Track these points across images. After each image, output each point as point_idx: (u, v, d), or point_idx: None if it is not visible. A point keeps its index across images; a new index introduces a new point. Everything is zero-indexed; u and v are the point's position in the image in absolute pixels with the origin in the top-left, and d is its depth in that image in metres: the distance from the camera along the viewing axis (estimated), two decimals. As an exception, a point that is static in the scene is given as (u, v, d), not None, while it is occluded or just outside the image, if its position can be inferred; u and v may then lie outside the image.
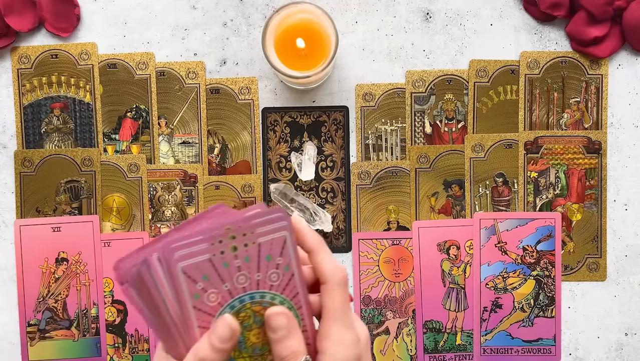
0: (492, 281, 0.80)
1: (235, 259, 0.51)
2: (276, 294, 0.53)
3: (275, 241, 0.52)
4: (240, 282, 0.52)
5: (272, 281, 0.53)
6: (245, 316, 0.53)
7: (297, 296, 0.54)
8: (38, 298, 0.79)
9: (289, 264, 0.53)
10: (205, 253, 0.51)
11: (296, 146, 0.80)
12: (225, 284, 0.52)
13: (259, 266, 0.52)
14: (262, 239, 0.52)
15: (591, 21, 0.78)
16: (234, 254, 0.51)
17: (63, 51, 0.80)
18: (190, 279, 0.50)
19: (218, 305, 0.52)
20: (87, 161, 0.80)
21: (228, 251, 0.51)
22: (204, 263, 0.50)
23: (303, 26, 0.73)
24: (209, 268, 0.51)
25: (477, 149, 0.80)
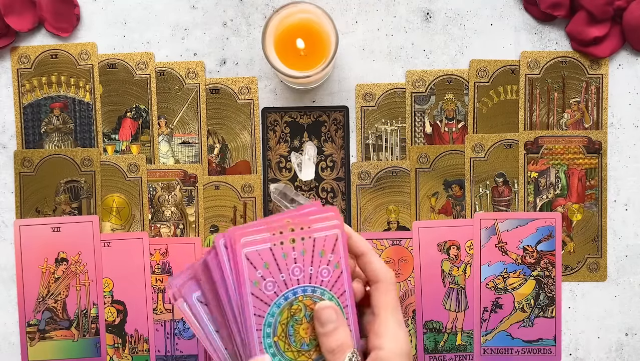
0: (493, 282, 0.80)
1: (293, 251, 0.54)
2: (325, 290, 0.56)
3: (329, 238, 0.56)
4: (295, 274, 0.55)
5: (323, 276, 0.56)
6: (297, 309, 0.55)
7: (344, 295, 0.57)
8: (38, 298, 0.79)
9: (338, 262, 0.56)
10: (266, 242, 0.54)
11: (296, 146, 0.80)
12: (282, 274, 0.54)
13: (313, 260, 0.55)
14: (317, 235, 0.55)
15: (591, 21, 0.78)
16: (292, 246, 0.54)
17: (63, 51, 0.80)
18: (251, 265, 0.53)
19: (274, 295, 0.55)
20: (86, 161, 0.80)
21: (287, 242, 0.54)
22: (265, 251, 0.54)
23: (303, 26, 0.73)
24: (269, 257, 0.54)
25: (477, 149, 0.80)
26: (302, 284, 0.55)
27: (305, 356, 0.56)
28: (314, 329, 0.56)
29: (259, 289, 0.54)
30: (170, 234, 0.80)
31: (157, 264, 0.80)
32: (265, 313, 0.54)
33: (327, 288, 0.56)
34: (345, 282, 0.57)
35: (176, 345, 0.80)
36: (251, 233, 0.54)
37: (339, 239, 0.56)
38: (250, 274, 0.54)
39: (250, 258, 0.54)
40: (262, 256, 0.54)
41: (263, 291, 0.54)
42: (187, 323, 0.56)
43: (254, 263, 0.54)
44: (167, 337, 0.80)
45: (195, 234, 0.80)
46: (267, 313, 0.54)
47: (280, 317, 0.55)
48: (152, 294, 0.80)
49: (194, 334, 0.80)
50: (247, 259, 0.53)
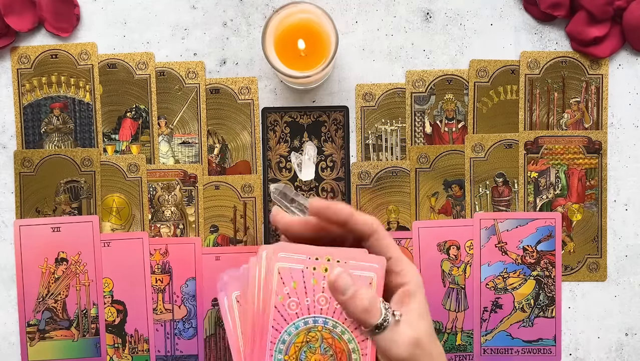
0: (492, 281, 0.80)
1: (323, 279, 0.55)
2: (347, 329, 0.56)
3: (362, 279, 0.55)
4: (320, 303, 0.55)
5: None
6: (314, 337, 0.56)
7: (365, 342, 0.56)
8: (38, 298, 0.79)
9: None
10: (300, 263, 0.55)
11: (296, 146, 0.80)
12: (307, 298, 0.55)
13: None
14: (353, 272, 0.55)
15: (591, 21, 0.78)
16: (323, 275, 0.55)
17: (63, 51, 0.80)
18: (281, 280, 0.55)
19: (295, 315, 0.55)
20: (86, 161, 0.80)
21: (319, 270, 0.55)
22: (296, 271, 0.55)
23: (303, 26, 0.73)
24: (299, 277, 0.55)
25: (477, 149, 0.80)
26: (324, 315, 0.56)
27: None
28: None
29: (282, 305, 0.55)
30: (170, 234, 0.80)
31: (157, 264, 0.80)
32: (282, 330, 0.55)
33: (349, 328, 0.56)
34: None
35: (176, 345, 0.80)
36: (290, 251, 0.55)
37: (372, 283, 0.56)
38: (277, 288, 0.55)
39: (282, 272, 0.55)
40: (292, 275, 0.55)
41: (286, 308, 0.55)
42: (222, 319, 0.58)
43: (284, 279, 0.55)
44: (167, 337, 0.80)
45: (195, 234, 0.80)
46: (284, 330, 0.55)
47: (295, 338, 0.56)
48: (152, 294, 0.80)
49: (194, 334, 0.80)
50: (278, 273, 0.55)
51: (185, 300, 0.80)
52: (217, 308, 0.80)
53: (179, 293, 0.80)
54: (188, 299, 0.80)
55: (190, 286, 0.80)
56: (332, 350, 0.56)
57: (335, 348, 0.56)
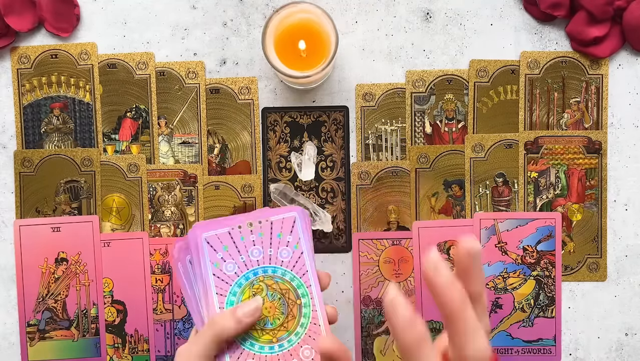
0: (492, 281, 0.80)
1: (251, 234, 0.58)
2: (287, 270, 0.59)
3: (286, 221, 0.59)
4: (255, 255, 0.59)
5: (283, 257, 0.59)
6: (259, 288, 0.59)
7: (306, 275, 0.59)
8: (38, 298, 0.79)
9: (297, 243, 0.59)
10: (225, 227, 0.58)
11: (296, 146, 0.80)
12: (242, 256, 0.58)
13: (271, 242, 0.59)
14: (274, 218, 0.59)
15: (591, 21, 0.78)
16: (250, 229, 0.58)
17: (63, 51, 0.80)
18: (212, 248, 0.58)
19: (235, 275, 0.58)
20: (86, 161, 0.80)
21: (245, 226, 0.58)
22: (224, 235, 0.58)
23: (303, 26, 0.73)
24: (227, 240, 0.58)
25: (477, 149, 0.80)
26: (262, 265, 0.59)
27: (270, 335, 0.58)
28: (276, 308, 0.59)
29: (220, 270, 0.58)
30: (170, 234, 0.80)
31: (157, 264, 0.80)
32: (227, 292, 0.58)
33: (287, 268, 0.59)
34: (307, 262, 0.59)
35: (176, 345, 0.80)
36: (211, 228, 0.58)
37: (296, 221, 0.59)
38: (211, 257, 0.58)
39: (210, 241, 0.58)
40: (221, 240, 0.58)
41: (224, 272, 0.58)
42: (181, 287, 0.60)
43: (214, 246, 0.58)
44: (167, 337, 0.80)
45: (195, 234, 0.80)
46: (228, 292, 0.58)
47: (242, 296, 0.58)
48: (152, 294, 0.80)
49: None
50: (207, 243, 0.58)
51: (185, 300, 0.80)
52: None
53: (179, 293, 0.80)
54: (188, 299, 0.80)
55: (190, 286, 0.80)
56: (278, 293, 0.59)
57: (280, 291, 0.59)
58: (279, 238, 0.59)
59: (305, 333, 0.59)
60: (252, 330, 0.57)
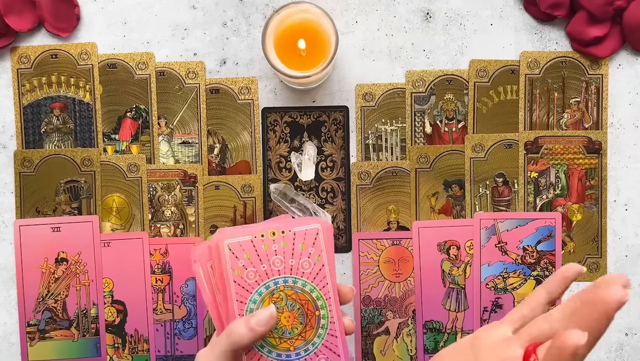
0: (492, 282, 0.80)
1: (273, 243, 0.59)
2: (307, 282, 0.60)
3: (309, 232, 0.60)
4: (276, 265, 0.59)
5: (304, 268, 0.60)
6: (278, 298, 0.59)
7: (326, 287, 0.60)
8: (38, 298, 0.79)
9: (319, 255, 0.60)
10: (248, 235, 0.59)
11: (296, 146, 0.80)
12: (263, 264, 0.59)
13: (293, 252, 0.59)
14: (297, 229, 0.59)
15: (591, 21, 0.78)
16: (272, 238, 0.59)
17: (63, 51, 0.80)
18: (233, 255, 0.58)
19: (255, 283, 0.59)
20: (86, 161, 0.80)
21: (267, 235, 0.59)
22: (246, 243, 0.58)
23: (303, 26, 0.73)
24: (250, 248, 0.58)
25: (477, 149, 0.80)
26: (282, 275, 0.59)
27: (287, 343, 0.59)
28: (295, 318, 0.60)
29: (241, 277, 0.58)
30: (170, 234, 0.80)
31: (157, 264, 0.80)
32: (247, 300, 0.58)
33: (308, 279, 0.60)
34: (327, 275, 0.60)
35: (176, 345, 0.80)
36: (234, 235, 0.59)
37: (319, 233, 0.60)
38: (232, 264, 0.58)
39: (233, 248, 0.58)
40: (243, 247, 0.58)
41: (245, 279, 0.58)
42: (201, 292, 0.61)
43: (236, 253, 0.58)
44: (167, 337, 0.80)
45: (195, 234, 0.80)
46: (248, 300, 0.58)
47: (262, 305, 0.59)
48: (152, 294, 0.80)
49: (194, 334, 0.80)
50: (229, 250, 0.58)
51: (185, 300, 0.80)
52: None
53: (179, 293, 0.80)
54: (188, 299, 0.80)
55: (190, 286, 0.80)
56: (297, 303, 0.60)
57: (300, 301, 0.60)
58: (301, 249, 0.59)
59: (322, 343, 0.60)
60: (271, 337, 0.59)
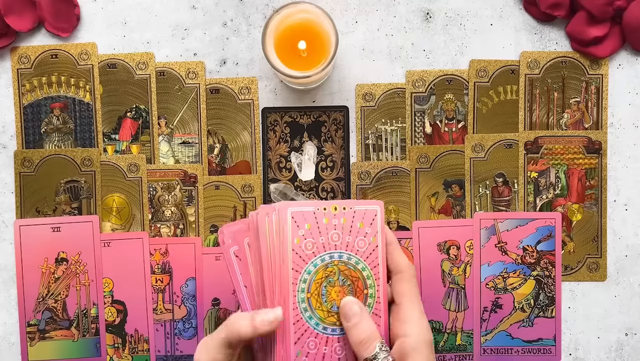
0: (492, 281, 0.80)
1: (334, 218, 0.60)
2: (360, 260, 0.61)
3: (368, 213, 0.61)
4: (334, 239, 0.61)
5: (359, 247, 0.61)
6: (332, 271, 0.61)
7: (377, 268, 0.62)
8: (38, 298, 0.79)
9: (375, 236, 0.61)
10: (311, 206, 0.60)
11: (296, 146, 0.80)
12: (322, 237, 0.60)
13: (351, 229, 0.61)
14: (358, 207, 0.61)
15: (591, 21, 0.78)
16: (334, 213, 0.60)
17: (63, 51, 0.80)
18: (295, 223, 0.59)
19: (312, 254, 0.60)
20: (87, 161, 0.80)
21: (330, 209, 0.60)
22: (308, 214, 0.60)
23: (303, 26, 0.73)
24: (311, 219, 0.60)
25: (477, 149, 0.80)
26: (338, 250, 0.61)
27: (335, 318, 0.61)
28: (345, 293, 0.61)
29: (299, 246, 0.60)
30: (170, 234, 0.80)
31: (157, 264, 0.80)
32: (302, 270, 0.60)
33: (361, 258, 0.61)
34: (379, 256, 0.62)
35: (176, 345, 0.80)
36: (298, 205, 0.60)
37: (377, 215, 0.61)
38: (293, 232, 0.59)
39: (295, 217, 0.59)
40: (305, 218, 0.60)
41: (302, 249, 0.60)
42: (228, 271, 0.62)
43: (298, 222, 0.59)
44: (167, 337, 0.80)
45: (195, 234, 0.80)
46: (303, 270, 0.60)
47: (315, 276, 0.60)
48: (152, 294, 0.80)
49: (194, 334, 0.80)
50: (292, 217, 0.59)
51: (185, 300, 0.80)
52: (217, 308, 0.80)
53: (179, 293, 0.80)
54: (188, 299, 0.80)
55: (190, 286, 0.80)
56: (349, 280, 0.61)
57: (351, 278, 0.61)
58: (358, 227, 0.61)
59: None
60: (319, 310, 0.60)
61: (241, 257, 0.62)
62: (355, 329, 0.59)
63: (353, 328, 0.59)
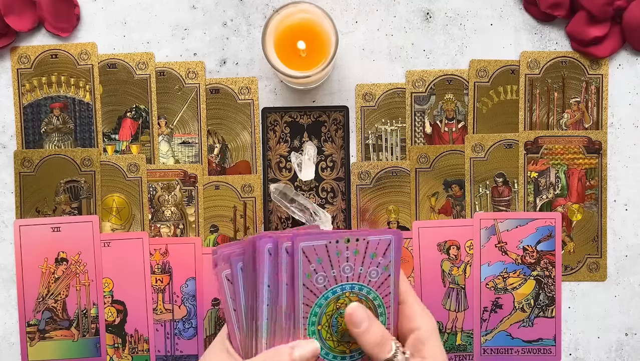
0: (492, 281, 0.80)
1: (346, 250, 0.59)
2: (371, 290, 0.60)
3: (382, 242, 0.60)
4: (345, 272, 0.59)
5: (371, 277, 0.60)
6: (343, 303, 0.60)
7: (389, 296, 0.61)
8: (38, 298, 0.79)
9: (387, 265, 0.60)
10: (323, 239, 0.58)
11: (296, 146, 0.80)
12: (333, 270, 0.59)
13: (364, 260, 0.59)
14: (371, 238, 0.59)
15: (591, 21, 0.78)
16: (346, 245, 0.58)
17: (63, 51, 0.80)
18: (306, 258, 0.58)
19: (323, 288, 0.59)
20: (86, 161, 0.80)
21: (342, 241, 0.58)
22: (320, 247, 0.58)
23: (303, 26, 0.73)
24: (323, 253, 0.58)
25: (477, 149, 0.80)
26: (350, 282, 0.59)
27: (344, 346, 0.61)
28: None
29: (310, 281, 0.58)
30: (170, 234, 0.80)
31: (157, 264, 0.80)
32: (313, 303, 0.59)
33: (372, 288, 0.60)
34: (391, 284, 0.61)
35: (176, 345, 0.80)
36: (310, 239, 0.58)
37: (391, 244, 0.60)
38: (304, 267, 0.58)
39: (306, 251, 0.58)
40: (317, 252, 0.58)
41: (314, 283, 0.58)
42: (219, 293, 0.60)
43: (309, 257, 0.58)
44: (167, 337, 0.80)
45: (195, 234, 0.80)
46: (314, 303, 0.59)
47: (326, 309, 0.59)
48: (152, 294, 0.80)
49: (194, 334, 0.80)
50: (302, 252, 0.58)
51: (185, 300, 0.80)
52: (217, 308, 0.80)
53: (179, 293, 0.80)
54: (188, 299, 0.80)
55: (190, 286, 0.80)
56: None
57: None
58: (371, 258, 0.60)
59: None
60: (330, 340, 0.60)
61: (233, 281, 0.60)
62: (367, 333, 0.58)
63: (365, 333, 0.58)
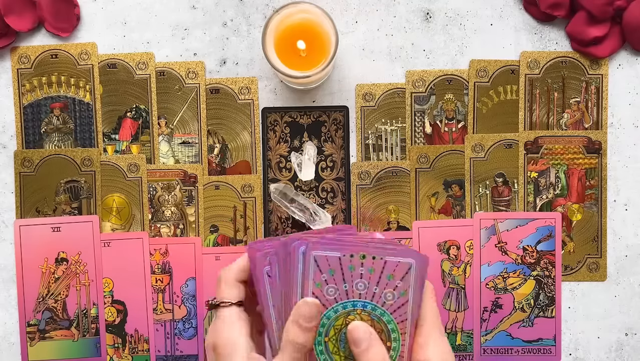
0: (492, 281, 0.80)
1: (361, 266, 0.56)
2: (386, 312, 0.57)
3: (401, 265, 0.57)
4: (359, 288, 0.57)
5: (386, 299, 0.57)
6: (352, 319, 0.57)
7: (405, 322, 0.58)
8: (38, 298, 0.79)
9: (406, 290, 0.57)
10: (337, 251, 0.56)
11: (296, 146, 0.80)
12: (345, 284, 0.56)
13: (379, 281, 0.57)
14: (390, 259, 0.56)
15: (591, 21, 0.78)
16: (361, 262, 0.56)
17: (63, 51, 0.80)
18: (318, 268, 0.56)
19: (333, 300, 0.57)
20: (87, 161, 0.80)
21: (357, 257, 0.56)
22: (333, 259, 0.56)
23: (303, 26, 0.73)
24: (336, 265, 0.56)
25: (477, 149, 0.80)
26: (363, 299, 0.57)
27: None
28: None
29: (320, 291, 0.57)
30: (170, 234, 0.80)
31: (157, 264, 0.80)
32: (321, 314, 0.57)
33: (387, 310, 0.58)
34: (409, 311, 0.58)
35: (176, 345, 0.80)
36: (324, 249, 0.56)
37: (412, 269, 0.57)
38: (315, 276, 0.56)
39: (318, 261, 0.56)
40: (329, 263, 0.56)
41: (324, 293, 0.57)
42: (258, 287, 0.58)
43: (321, 267, 0.56)
44: (167, 337, 0.80)
45: (195, 234, 0.80)
46: (323, 314, 0.56)
47: (335, 322, 0.57)
48: (152, 294, 0.80)
49: (194, 334, 0.80)
50: (314, 261, 0.56)
51: (185, 300, 0.80)
52: (217, 308, 0.80)
53: (179, 293, 0.80)
54: (188, 299, 0.80)
55: (190, 286, 0.80)
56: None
57: (374, 328, 0.58)
58: (388, 279, 0.57)
59: None
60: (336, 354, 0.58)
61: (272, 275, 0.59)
62: (367, 354, 0.55)
63: (364, 353, 0.55)
